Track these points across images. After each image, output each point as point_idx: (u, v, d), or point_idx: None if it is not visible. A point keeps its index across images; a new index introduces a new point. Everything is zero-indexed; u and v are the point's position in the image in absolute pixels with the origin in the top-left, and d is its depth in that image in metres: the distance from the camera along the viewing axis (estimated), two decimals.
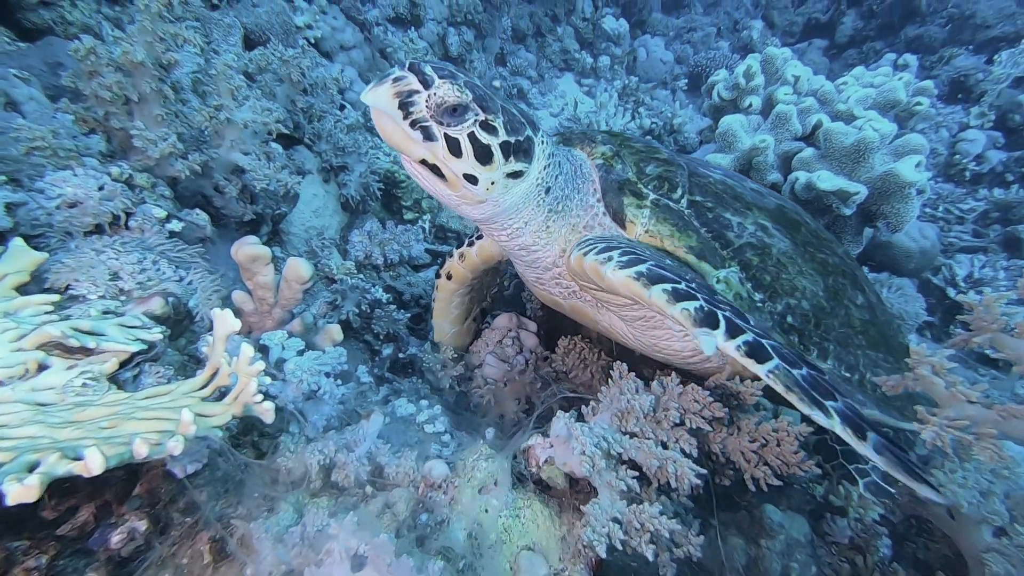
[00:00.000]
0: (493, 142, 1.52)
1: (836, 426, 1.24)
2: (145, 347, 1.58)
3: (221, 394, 1.36)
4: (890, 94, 3.32)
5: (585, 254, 1.64)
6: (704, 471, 1.41)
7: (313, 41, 5.13)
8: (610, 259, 1.56)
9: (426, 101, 1.42)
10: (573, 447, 1.43)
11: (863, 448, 1.22)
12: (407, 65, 1.44)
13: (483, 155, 1.52)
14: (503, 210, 1.71)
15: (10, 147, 2.24)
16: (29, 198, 2.00)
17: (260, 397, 1.31)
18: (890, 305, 3.85)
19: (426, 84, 1.42)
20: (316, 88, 3.46)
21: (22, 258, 1.65)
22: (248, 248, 1.94)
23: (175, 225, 2.21)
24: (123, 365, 1.54)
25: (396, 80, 1.41)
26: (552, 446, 1.54)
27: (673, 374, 1.58)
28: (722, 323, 1.37)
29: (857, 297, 2.10)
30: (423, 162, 1.53)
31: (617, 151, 1.92)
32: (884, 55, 8.21)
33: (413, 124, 1.44)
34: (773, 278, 1.83)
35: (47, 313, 1.56)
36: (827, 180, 2.96)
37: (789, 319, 1.81)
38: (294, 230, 3.75)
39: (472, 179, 1.55)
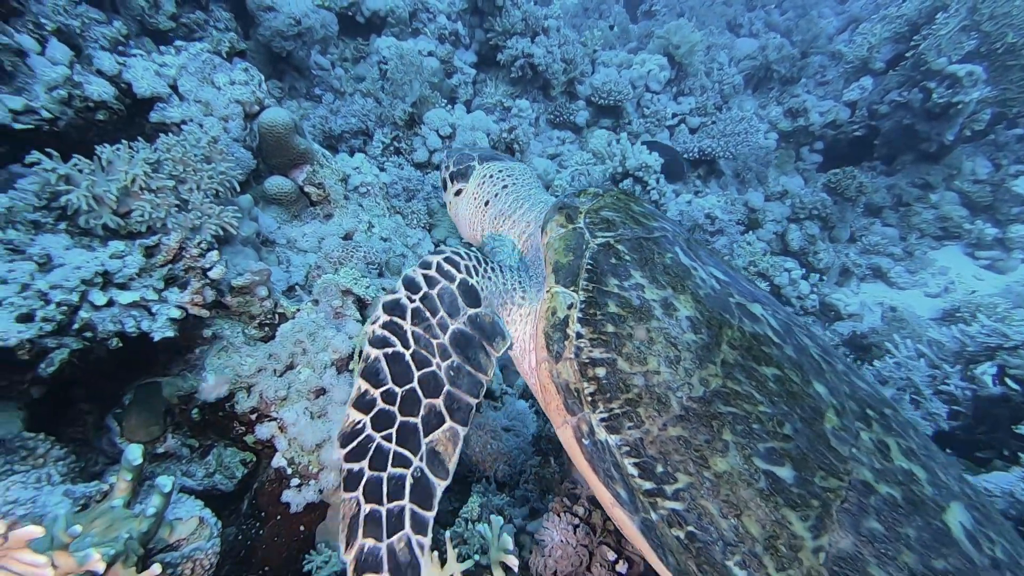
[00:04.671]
0: (445, 176, 2.46)
1: None
2: None
3: None
4: None
5: None
6: None
7: None
8: None
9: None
10: None
11: None
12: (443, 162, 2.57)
13: (444, 185, 2.48)
14: (460, 219, 2.41)
15: None
16: None
17: None
18: None
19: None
20: None
21: None
22: None
23: None
24: None
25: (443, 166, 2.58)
26: None
27: None
28: None
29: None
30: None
31: (600, 194, 1.93)
32: None
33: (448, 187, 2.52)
34: (619, 336, 1.52)
35: None
36: None
37: (598, 371, 1.49)
38: None
39: (445, 205, 2.57)
